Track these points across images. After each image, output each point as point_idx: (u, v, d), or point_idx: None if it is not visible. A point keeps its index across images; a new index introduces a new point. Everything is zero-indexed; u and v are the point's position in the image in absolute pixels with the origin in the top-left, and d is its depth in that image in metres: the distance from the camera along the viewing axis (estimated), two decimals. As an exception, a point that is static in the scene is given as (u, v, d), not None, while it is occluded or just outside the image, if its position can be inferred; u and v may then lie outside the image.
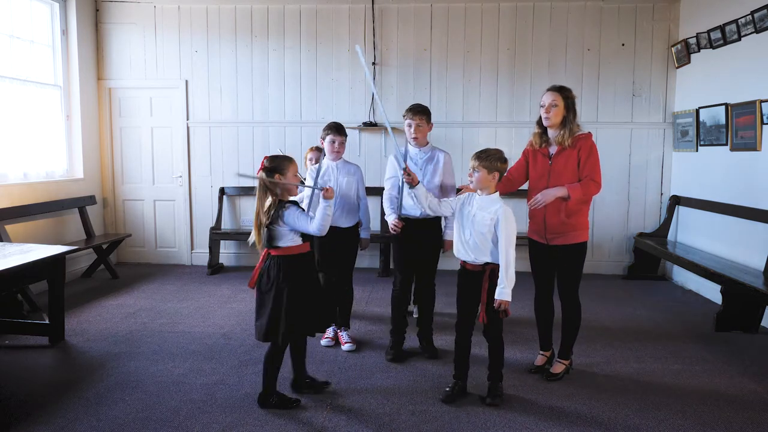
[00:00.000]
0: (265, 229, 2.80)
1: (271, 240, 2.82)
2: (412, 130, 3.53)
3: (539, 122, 3.25)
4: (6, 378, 3.31)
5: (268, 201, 2.79)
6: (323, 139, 3.76)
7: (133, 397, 3.06)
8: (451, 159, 3.66)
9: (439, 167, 3.57)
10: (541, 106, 3.19)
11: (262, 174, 2.78)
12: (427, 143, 3.64)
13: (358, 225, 3.87)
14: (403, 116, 3.57)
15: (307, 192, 3.32)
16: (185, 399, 3.04)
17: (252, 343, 3.86)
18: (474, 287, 2.96)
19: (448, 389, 3.09)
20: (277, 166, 2.80)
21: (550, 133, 3.22)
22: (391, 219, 3.53)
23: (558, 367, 3.37)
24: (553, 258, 3.29)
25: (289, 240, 2.84)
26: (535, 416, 2.88)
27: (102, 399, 3.02)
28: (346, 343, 3.84)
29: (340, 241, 3.74)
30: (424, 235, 3.58)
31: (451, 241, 3.39)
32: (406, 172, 3.08)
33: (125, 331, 4.14)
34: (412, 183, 3.07)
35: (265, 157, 2.85)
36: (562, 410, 2.95)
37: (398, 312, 3.68)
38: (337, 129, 3.74)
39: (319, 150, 4.17)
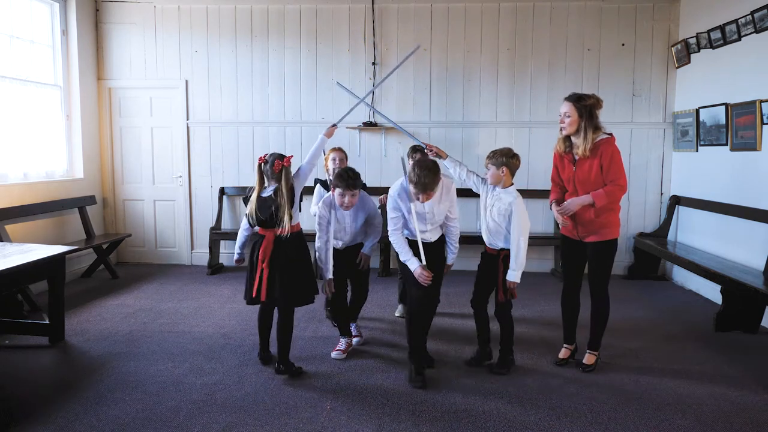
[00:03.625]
0: (276, 211, 3.15)
1: (277, 219, 3.17)
2: (421, 197, 3.16)
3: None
4: (6, 378, 3.31)
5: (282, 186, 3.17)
6: (334, 188, 3.42)
7: (133, 397, 3.06)
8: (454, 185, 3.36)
9: (449, 198, 3.29)
10: (559, 115, 3.29)
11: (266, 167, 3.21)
12: None
13: None
14: (410, 181, 3.10)
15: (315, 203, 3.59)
16: (185, 399, 3.04)
17: (252, 342, 3.86)
18: (490, 269, 3.38)
19: (474, 355, 3.50)
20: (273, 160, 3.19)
21: (573, 139, 3.29)
22: (415, 267, 3.17)
23: (590, 359, 3.49)
24: (584, 254, 3.41)
25: (297, 217, 3.29)
26: (535, 416, 2.88)
27: (102, 399, 3.02)
28: (354, 336, 3.89)
29: (352, 256, 3.70)
30: (437, 254, 3.36)
31: (451, 265, 3.51)
32: (429, 147, 3.41)
33: (125, 331, 4.14)
34: (442, 156, 3.40)
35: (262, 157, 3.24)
36: (562, 410, 2.95)
37: (417, 331, 3.34)
38: (347, 184, 3.33)
39: (342, 150, 4.07)
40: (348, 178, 3.34)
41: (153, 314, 4.55)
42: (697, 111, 5.34)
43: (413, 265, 3.19)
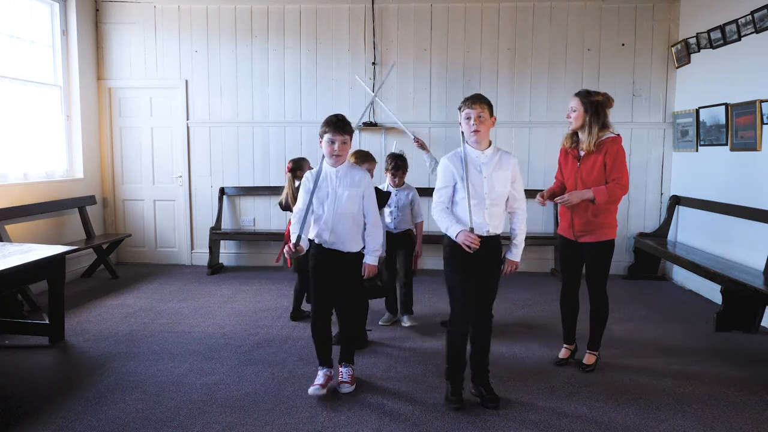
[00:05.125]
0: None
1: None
2: (471, 122, 2.82)
3: None
4: (6, 378, 3.31)
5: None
6: (321, 137, 2.98)
7: (133, 397, 3.06)
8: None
9: (509, 167, 2.91)
10: (567, 111, 3.38)
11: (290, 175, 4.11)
12: (490, 144, 2.94)
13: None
14: (459, 108, 2.90)
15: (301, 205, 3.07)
16: (185, 399, 3.04)
17: (252, 342, 3.87)
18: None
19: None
20: (300, 166, 4.14)
21: (580, 134, 3.33)
22: (458, 233, 2.74)
23: (590, 359, 3.50)
24: (581, 255, 3.42)
25: None
26: (535, 416, 2.88)
27: (102, 399, 3.02)
28: (342, 382, 3.17)
29: (342, 268, 3.06)
30: (488, 256, 2.86)
31: (516, 264, 3.01)
32: (416, 140, 4.36)
33: (125, 331, 4.14)
34: (425, 149, 4.26)
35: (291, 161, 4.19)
36: (562, 410, 2.95)
37: (457, 352, 2.95)
38: (335, 126, 2.91)
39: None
40: (337, 121, 2.93)
41: (153, 314, 4.55)
42: (697, 111, 5.34)
43: (455, 230, 2.75)
